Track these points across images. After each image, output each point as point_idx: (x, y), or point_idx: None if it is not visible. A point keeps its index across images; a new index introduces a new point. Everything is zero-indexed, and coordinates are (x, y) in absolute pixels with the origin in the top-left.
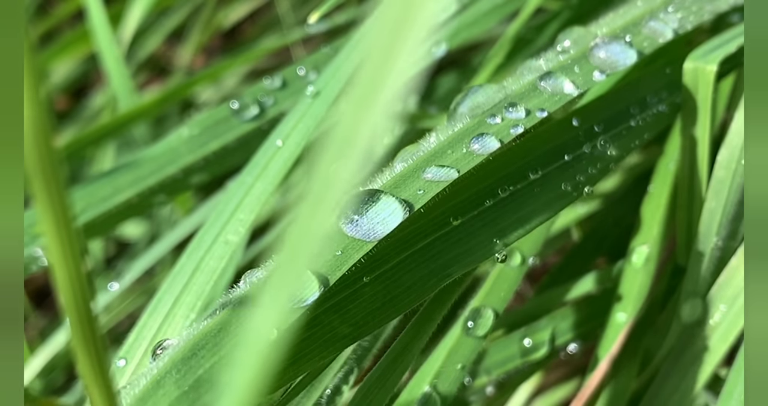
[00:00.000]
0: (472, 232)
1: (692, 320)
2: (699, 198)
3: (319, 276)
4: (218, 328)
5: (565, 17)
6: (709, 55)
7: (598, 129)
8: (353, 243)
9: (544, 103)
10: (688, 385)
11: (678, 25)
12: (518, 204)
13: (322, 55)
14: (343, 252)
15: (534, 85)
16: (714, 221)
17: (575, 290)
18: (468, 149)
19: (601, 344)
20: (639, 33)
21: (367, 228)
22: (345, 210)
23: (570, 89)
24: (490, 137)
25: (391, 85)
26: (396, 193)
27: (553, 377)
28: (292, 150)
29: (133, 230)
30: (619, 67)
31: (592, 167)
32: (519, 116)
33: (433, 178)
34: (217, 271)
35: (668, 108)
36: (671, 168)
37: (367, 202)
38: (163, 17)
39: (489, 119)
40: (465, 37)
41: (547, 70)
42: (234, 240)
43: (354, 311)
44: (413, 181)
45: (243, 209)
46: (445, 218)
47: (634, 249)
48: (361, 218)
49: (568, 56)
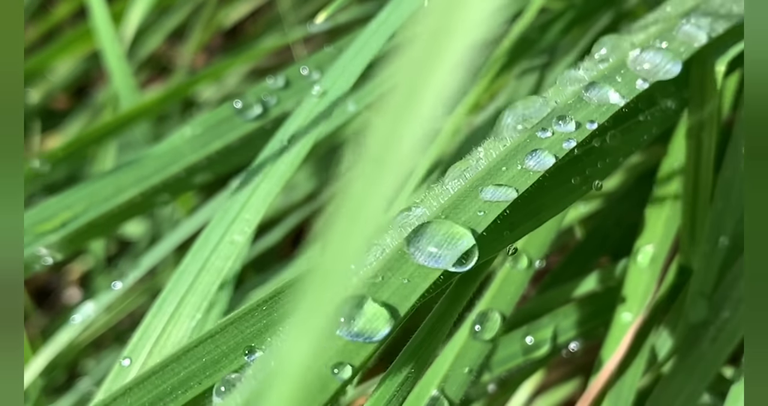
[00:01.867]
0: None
1: (698, 320)
2: (706, 198)
3: (388, 307)
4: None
5: (569, 17)
6: (717, 55)
7: (607, 124)
8: (418, 270)
9: (592, 114)
10: (693, 385)
11: (710, 28)
12: (528, 198)
13: (326, 55)
14: (409, 280)
15: (579, 97)
16: (721, 221)
17: (577, 289)
18: (523, 166)
19: (606, 344)
20: (674, 38)
21: (431, 254)
22: (409, 235)
23: (616, 99)
24: (543, 152)
25: (430, 97)
26: (455, 215)
27: (555, 375)
28: (298, 150)
29: (134, 229)
30: (660, 75)
31: (601, 162)
32: (569, 129)
33: (492, 198)
34: (223, 271)
35: (676, 104)
36: (676, 167)
37: (430, 226)
38: (165, 16)
39: (539, 133)
40: None
41: (588, 80)
42: (240, 240)
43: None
44: (471, 202)
45: (249, 209)
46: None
47: (639, 249)
48: (423, 244)
49: (608, 65)
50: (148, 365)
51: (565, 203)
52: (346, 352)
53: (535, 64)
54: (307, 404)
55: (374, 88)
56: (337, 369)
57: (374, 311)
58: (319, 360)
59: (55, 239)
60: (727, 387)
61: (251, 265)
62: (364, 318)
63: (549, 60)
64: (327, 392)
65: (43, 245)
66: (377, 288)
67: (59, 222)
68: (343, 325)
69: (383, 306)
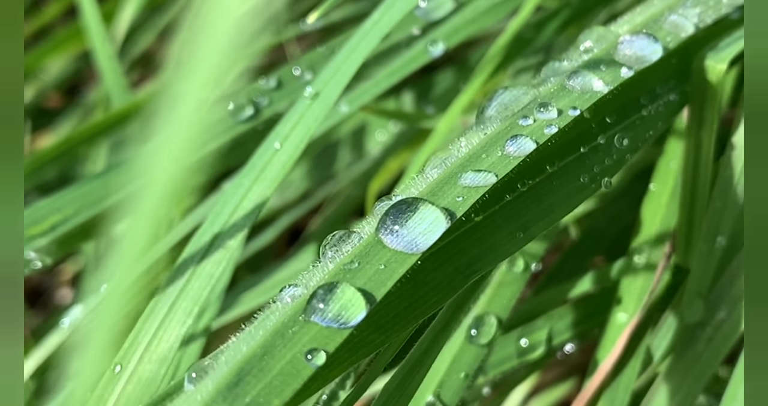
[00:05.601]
0: (495, 227)
1: (694, 320)
2: (703, 197)
3: (364, 293)
4: (262, 352)
5: (564, 15)
6: (719, 53)
7: (611, 120)
8: (396, 256)
9: (575, 101)
10: (689, 386)
11: (698, 19)
12: (538, 197)
13: (318, 55)
14: (386, 266)
15: (562, 85)
16: (719, 221)
17: (573, 290)
18: (503, 152)
19: (602, 345)
20: (660, 29)
21: (408, 239)
22: (384, 220)
23: (600, 87)
24: (524, 138)
25: None
26: (434, 200)
27: (549, 376)
28: (290, 153)
29: None
30: (645, 63)
31: (609, 158)
32: (551, 116)
33: (471, 183)
34: (214, 276)
35: (679, 97)
36: (672, 167)
37: (406, 211)
38: (157, 14)
39: (521, 121)
40: (463, 36)
41: (572, 69)
42: (232, 245)
43: (380, 314)
44: (450, 187)
45: (241, 213)
46: (466, 214)
47: (634, 249)
48: (401, 228)
49: (592, 55)
50: (138, 372)
51: (575, 201)
52: (319, 338)
53: (530, 64)
54: (282, 390)
55: (367, 89)
56: (311, 355)
57: (349, 297)
58: (292, 346)
59: (44, 243)
60: (723, 388)
61: (245, 265)
62: (338, 303)
63: (544, 59)
64: (300, 377)
65: (33, 248)
66: (353, 274)
67: (48, 225)
68: (317, 310)
69: (359, 291)
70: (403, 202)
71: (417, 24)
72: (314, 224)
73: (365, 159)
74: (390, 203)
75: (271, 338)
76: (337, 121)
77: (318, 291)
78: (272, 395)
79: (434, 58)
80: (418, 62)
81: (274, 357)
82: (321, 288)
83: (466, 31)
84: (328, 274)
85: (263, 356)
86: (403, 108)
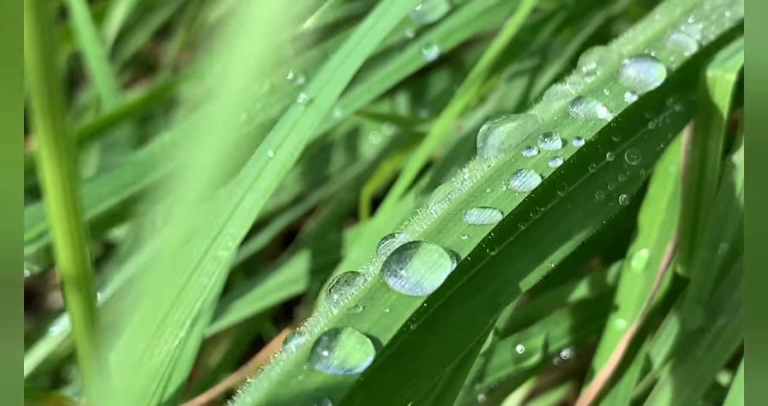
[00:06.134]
0: (512, 260)
1: (695, 327)
2: (708, 205)
3: (370, 337)
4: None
5: (560, 17)
6: (726, 63)
7: (616, 139)
8: (400, 299)
9: (579, 130)
10: (689, 393)
11: (701, 36)
12: (553, 223)
13: (312, 58)
14: (391, 309)
15: (565, 112)
16: (722, 227)
17: (569, 295)
18: (508, 187)
19: (600, 352)
20: (663, 48)
21: (413, 282)
22: (389, 263)
23: (603, 114)
24: (529, 172)
25: None
26: (438, 240)
27: (545, 381)
28: (284, 161)
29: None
30: (649, 87)
31: (622, 175)
32: (555, 147)
33: (477, 221)
34: (206, 288)
35: (684, 107)
36: (671, 172)
37: (411, 252)
38: (148, 14)
39: (525, 152)
40: (458, 39)
41: (575, 94)
42: (224, 256)
43: (407, 364)
44: (455, 225)
45: (233, 223)
46: (479, 250)
47: (633, 254)
48: (405, 271)
49: (595, 79)
50: None
51: (593, 222)
52: (325, 387)
53: (526, 67)
54: None
55: (361, 94)
56: (317, 405)
57: (354, 342)
58: (298, 396)
59: (31, 251)
60: (723, 395)
61: (239, 268)
62: (343, 350)
63: (540, 62)
64: None
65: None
66: (358, 319)
67: (35, 233)
68: (321, 358)
69: (364, 336)
70: (407, 244)
71: (411, 27)
72: (308, 227)
73: (359, 162)
74: (392, 243)
75: (276, 388)
76: (330, 127)
77: (322, 338)
78: None
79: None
80: (413, 66)
81: None
82: (325, 335)
83: (461, 34)
84: (332, 319)
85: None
86: (397, 110)
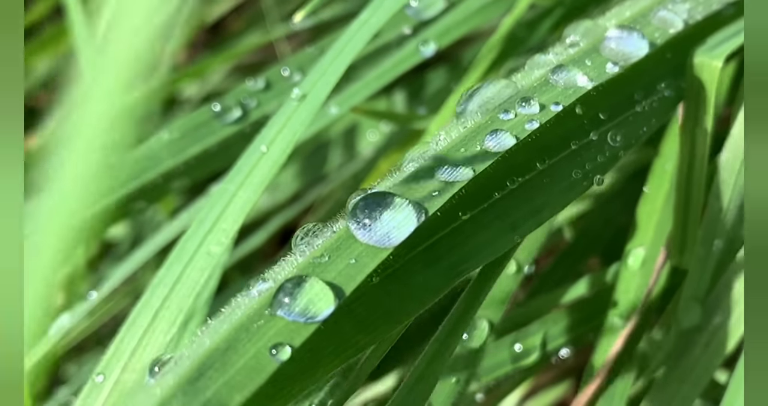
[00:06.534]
0: (484, 225)
1: (691, 324)
2: (698, 198)
3: (333, 287)
4: (225, 346)
5: (558, 14)
6: (715, 50)
7: (603, 116)
8: (367, 250)
9: (557, 96)
10: (686, 391)
11: (688, 15)
12: (529, 195)
13: (307, 55)
14: (356, 260)
15: (546, 80)
16: (716, 224)
17: (567, 293)
18: (482, 147)
19: (597, 350)
20: (649, 24)
21: (381, 234)
22: (356, 213)
23: (584, 82)
24: (504, 133)
25: None
26: (409, 195)
27: (542, 379)
28: (276, 157)
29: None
30: (632, 59)
31: (601, 155)
32: (533, 111)
33: (448, 178)
34: (199, 283)
35: (674, 93)
36: (668, 169)
37: (380, 205)
38: None
39: (501, 115)
40: (455, 35)
41: (557, 63)
42: (217, 251)
43: (365, 315)
44: (426, 182)
45: (226, 219)
46: (453, 213)
47: (630, 251)
48: (374, 222)
49: (578, 49)
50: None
51: (566, 199)
52: (285, 332)
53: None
54: (244, 385)
55: (358, 90)
56: (276, 350)
57: (317, 291)
58: (256, 340)
59: None
60: (720, 393)
61: (236, 266)
62: (306, 298)
63: None
64: (264, 373)
65: None
66: (323, 268)
67: None
68: (283, 304)
69: (328, 285)
70: (374, 194)
71: (408, 23)
72: None
73: (356, 160)
74: (362, 196)
75: (235, 332)
76: (327, 124)
77: (285, 285)
78: (234, 391)
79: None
80: (409, 63)
81: (237, 352)
82: (289, 282)
83: (458, 30)
84: (297, 267)
85: (226, 351)
86: (394, 107)
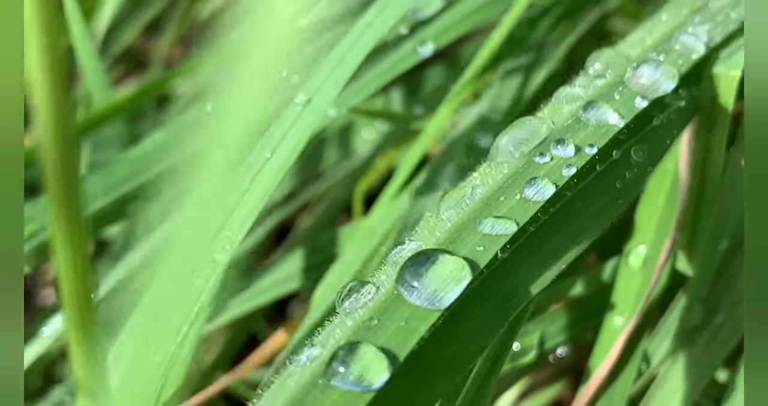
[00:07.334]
0: (522, 261)
1: (693, 324)
2: (710, 202)
3: (386, 352)
4: None
5: (556, 13)
6: (730, 58)
7: (621, 136)
8: (417, 312)
9: (590, 137)
10: (687, 391)
11: (707, 37)
12: (563, 223)
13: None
14: (407, 323)
15: (577, 117)
16: (723, 223)
17: (565, 291)
18: (522, 196)
19: (596, 349)
20: (671, 50)
21: (429, 293)
22: (403, 273)
23: (615, 120)
24: (543, 181)
25: None
26: (453, 249)
27: (540, 377)
28: (281, 163)
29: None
30: (659, 92)
31: (629, 172)
32: (568, 154)
33: (492, 231)
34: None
35: (689, 103)
36: (669, 168)
37: (425, 263)
38: (139, 9)
39: (537, 158)
40: (453, 35)
41: (586, 98)
42: (222, 259)
43: (423, 375)
44: (469, 235)
45: (230, 226)
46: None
47: (631, 250)
48: (420, 283)
49: (605, 83)
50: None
51: (604, 221)
52: (342, 403)
53: (521, 63)
54: None
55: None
56: None
57: (371, 357)
58: None
59: None
60: (721, 393)
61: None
62: (360, 365)
63: (535, 58)
64: None
65: None
66: (373, 332)
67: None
68: (337, 374)
69: (380, 351)
70: (421, 253)
71: (405, 23)
72: (302, 224)
73: (353, 158)
74: (403, 251)
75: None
76: (324, 125)
77: (338, 352)
78: None
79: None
80: (407, 63)
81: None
82: (341, 349)
83: (456, 30)
84: (347, 332)
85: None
86: (391, 106)
